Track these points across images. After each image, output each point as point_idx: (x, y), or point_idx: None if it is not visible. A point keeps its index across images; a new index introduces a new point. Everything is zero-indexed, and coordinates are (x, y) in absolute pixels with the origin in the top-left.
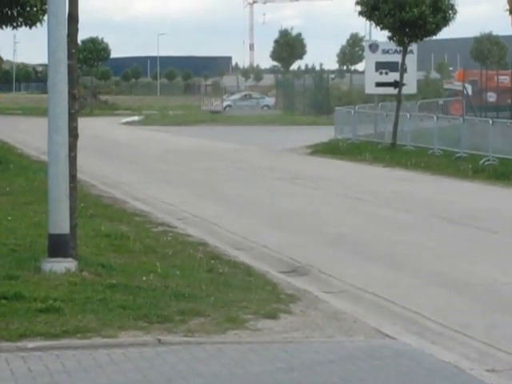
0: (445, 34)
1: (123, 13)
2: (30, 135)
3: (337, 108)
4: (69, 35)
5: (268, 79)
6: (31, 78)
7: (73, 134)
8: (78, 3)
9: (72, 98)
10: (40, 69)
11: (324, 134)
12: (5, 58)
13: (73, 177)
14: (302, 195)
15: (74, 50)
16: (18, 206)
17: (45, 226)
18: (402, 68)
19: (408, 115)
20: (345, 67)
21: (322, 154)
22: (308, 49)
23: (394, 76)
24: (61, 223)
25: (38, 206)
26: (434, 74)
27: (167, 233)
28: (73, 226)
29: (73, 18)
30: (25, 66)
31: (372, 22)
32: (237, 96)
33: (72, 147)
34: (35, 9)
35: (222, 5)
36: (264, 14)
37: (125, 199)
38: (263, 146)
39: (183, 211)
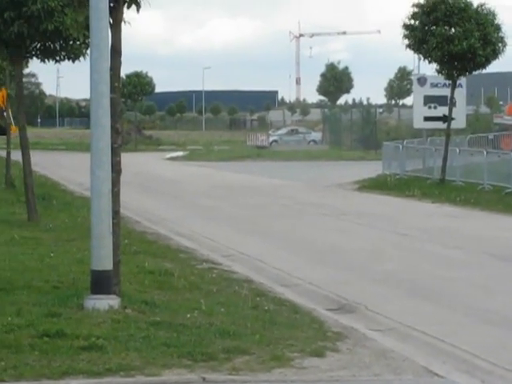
0: (494, 67)
1: (168, 46)
2: (74, 171)
3: (384, 143)
4: (112, 68)
5: (315, 114)
6: (74, 113)
7: (116, 169)
8: (121, 36)
9: (115, 132)
10: (83, 104)
11: (371, 169)
12: (48, 93)
13: (116, 212)
14: (349, 231)
15: (117, 84)
16: (60, 242)
17: (88, 263)
18: (450, 102)
19: (457, 150)
20: (393, 101)
21: (370, 190)
22: (355, 83)
23: (442, 110)
24: (104, 259)
25: (81, 243)
26: (484, 109)
27: (212, 269)
28: (116, 263)
29: (116, 51)
30: (68, 100)
31: (420, 55)
32: (283, 131)
33: (115, 182)
34: (78, 42)
35: (268, 38)
36: (311, 48)
37: (169, 235)
38: (309, 181)
39: (228, 248)
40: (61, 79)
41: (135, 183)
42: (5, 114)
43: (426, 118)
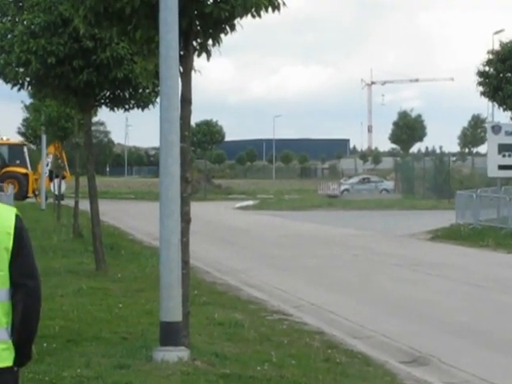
0: None
1: (238, 94)
2: (142, 220)
3: (458, 192)
4: (181, 117)
5: (386, 162)
6: (143, 161)
7: (185, 219)
8: (191, 85)
9: (184, 181)
10: (152, 152)
11: (444, 218)
12: (116, 142)
13: (185, 263)
14: (422, 282)
15: (186, 133)
16: (129, 293)
17: (156, 314)
18: None
19: None
20: (466, 149)
21: (443, 240)
22: (428, 130)
23: None
24: (173, 311)
25: (150, 293)
26: None
27: (282, 321)
28: (185, 314)
29: (186, 100)
30: (137, 149)
31: (495, 102)
32: (355, 180)
33: (184, 232)
34: (148, 90)
35: (340, 86)
36: (383, 96)
37: (239, 286)
38: (381, 231)
39: (299, 298)
40: (129, 128)
41: (205, 232)
42: (60, 161)
43: (501, 167)
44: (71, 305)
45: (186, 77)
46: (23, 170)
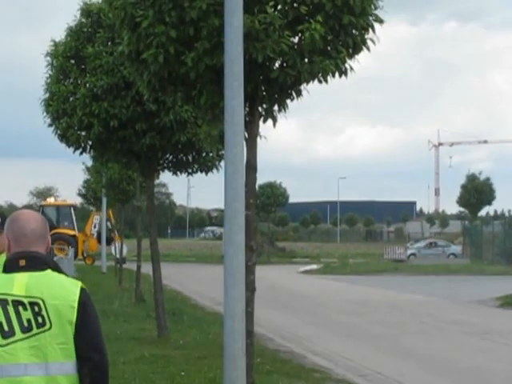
0: None
1: (303, 155)
2: (204, 284)
3: None
4: (247, 184)
5: (454, 225)
6: (205, 223)
7: (250, 288)
8: (257, 151)
9: (249, 250)
10: (215, 214)
11: None
12: (178, 203)
13: (249, 333)
14: (493, 351)
15: (252, 200)
16: (191, 360)
17: (220, 383)
18: None
19: None
20: None
21: None
22: (497, 194)
23: None
24: (237, 381)
25: (213, 361)
26: None
27: None
28: None
29: (251, 167)
30: (199, 211)
31: None
32: (421, 244)
33: (249, 302)
34: (211, 155)
35: (406, 147)
36: (450, 157)
37: (303, 354)
38: (449, 297)
39: (364, 367)
40: (192, 189)
41: (268, 298)
42: (108, 223)
43: None
44: (133, 373)
45: (251, 143)
46: (71, 232)
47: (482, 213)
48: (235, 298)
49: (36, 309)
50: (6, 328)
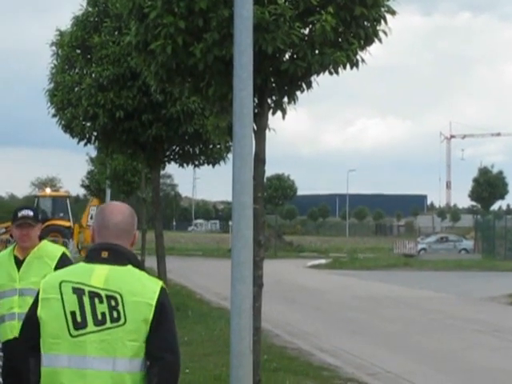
0: None
1: (312, 146)
2: (210, 279)
3: None
4: (255, 177)
5: (466, 220)
6: (211, 216)
7: (258, 283)
8: (266, 144)
9: (257, 244)
10: (221, 207)
11: None
12: (183, 195)
13: (256, 329)
14: (504, 350)
15: (260, 194)
16: (196, 357)
17: (225, 380)
18: None
19: None
20: None
21: None
22: (510, 187)
23: None
24: (243, 379)
25: (219, 358)
26: None
27: None
28: (256, 383)
29: (259, 160)
30: (205, 203)
31: None
32: (432, 238)
33: (256, 297)
34: (218, 146)
35: (418, 139)
36: (462, 150)
37: (311, 351)
38: (460, 293)
39: (374, 365)
40: (197, 181)
41: (275, 292)
42: None
43: None
44: None
45: (259, 135)
46: (67, 223)
47: (495, 207)
48: (242, 293)
49: (113, 303)
50: (78, 319)
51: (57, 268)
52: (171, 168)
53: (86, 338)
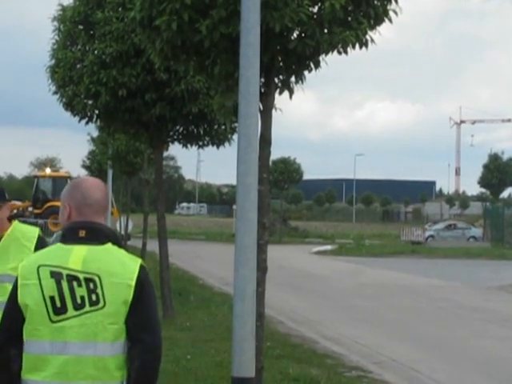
0: None
1: (320, 129)
2: (213, 263)
3: None
4: (260, 158)
5: (475, 207)
6: (215, 199)
7: (261, 267)
8: (272, 124)
9: (261, 227)
10: (225, 190)
11: None
12: (187, 177)
13: (260, 315)
14: (510, 339)
15: (265, 175)
16: (198, 343)
17: (227, 367)
18: None
19: None
20: None
21: None
22: None
23: None
24: (245, 366)
25: (220, 344)
26: None
27: (361, 378)
28: (258, 369)
29: (265, 140)
30: (208, 186)
31: None
32: (440, 225)
33: (260, 282)
34: (223, 127)
35: (427, 124)
36: (472, 136)
37: (315, 338)
38: (468, 282)
39: (379, 354)
40: (201, 163)
41: (279, 279)
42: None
43: None
44: None
45: (266, 115)
46: None
47: (504, 194)
48: (246, 277)
49: (91, 286)
50: (58, 304)
51: (36, 249)
52: (175, 149)
53: (66, 323)
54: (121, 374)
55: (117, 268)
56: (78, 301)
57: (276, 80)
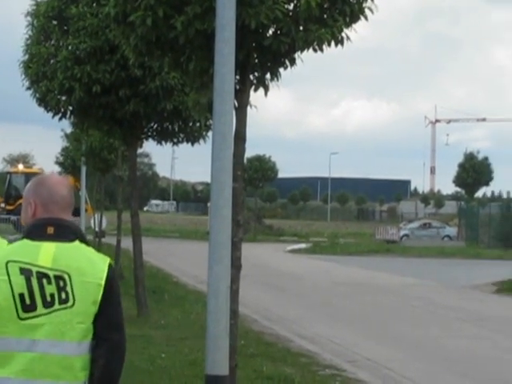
0: None
1: (295, 128)
2: (187, 261)
3: None
4: (235, 155)
5: (450, 206)
6: (189, 197)
7: (235, 265)
8: (247, 120)
9: (236, 224)
10: (200, 187)
11: (511, 270)
12: (161, 175)
13: (234, 312)
14: (486, 339)
15: (239, 172)
16: (172, 341)
17: (201, 365)
18: None
19: None
20: None
21: (509, 293)
22: (495, 174)
23: None
24: (219, 364)
25: (195, 342)
26: None
27: (335, 376)
28: (232, 367)
29: (240, 137)
30: (183, 183)
31: None
32: (415, 224)
33: (234, 279)
34: (198, 124)
35: (403, 123)
36: (447, 135)
37: (289, 337)
38: (443, 281)
39: (353, 352)
40: (176, 160)
41: (253, 277)
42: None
43: None
44: None
45: (241, 112)
46: None
47: (479, 194)
48: (220, 274)
49: (61, 283)
50: (27, 301)
51: None
52: (149, 146)
53: (35, 320)
54: (84, 374)
55: (86, 266)
56: (48, 298)
57: (251, 77)
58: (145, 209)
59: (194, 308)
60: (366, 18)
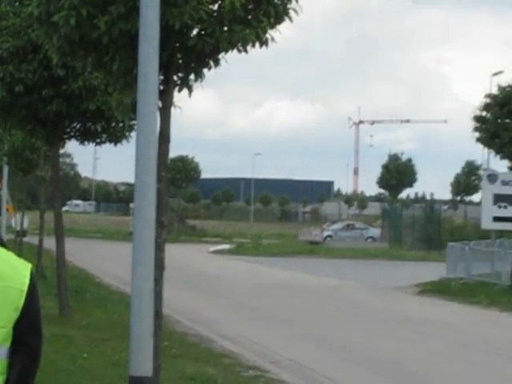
0: None
1: (218, 128)
2: (110, 262)
3: (449, 243)
4: (158, 156)
5: (373, 207)
6: (112, 197)
7: (159, 266)
8: (171, 121)
9: (160, 225)
10: (122, 188)
11: (434, 271)
12: (83, 175)
13: (157, 313)
14: (407, 340)
15: (163, 173)
16: (95, 342)
17: (124, 366)
18: None
19: None
20: (459, 198)
21: (431, 294)
22: (419, 175)
23: None
24: (143, 364)
25: (118, 343)
26: None
27: (259, 378)
28: (156, 368)
29: (164, 138)
30: (105, 184)
31: (491, 150)
32: (338, 225)
33: (158, 280)
34: (121, 124)
35: (326, 124)
36: (371, 136)
37: (212, 338)
38: (366, 282)
39: (276, 353)
40: (98, 160)
41: (176, 278)
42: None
43: (496, 219)
44: None
45: (165, 113)
46: None
47: (403, 195)
48: (143, 275)
49: None
50: None
51: None
52: (71, 146)
53: None
54: (1, 379)
55: (8, 271)
56: None
57: (175, 77)
58: (64, 209)
59: (116, 309)
60: (290, 19)
